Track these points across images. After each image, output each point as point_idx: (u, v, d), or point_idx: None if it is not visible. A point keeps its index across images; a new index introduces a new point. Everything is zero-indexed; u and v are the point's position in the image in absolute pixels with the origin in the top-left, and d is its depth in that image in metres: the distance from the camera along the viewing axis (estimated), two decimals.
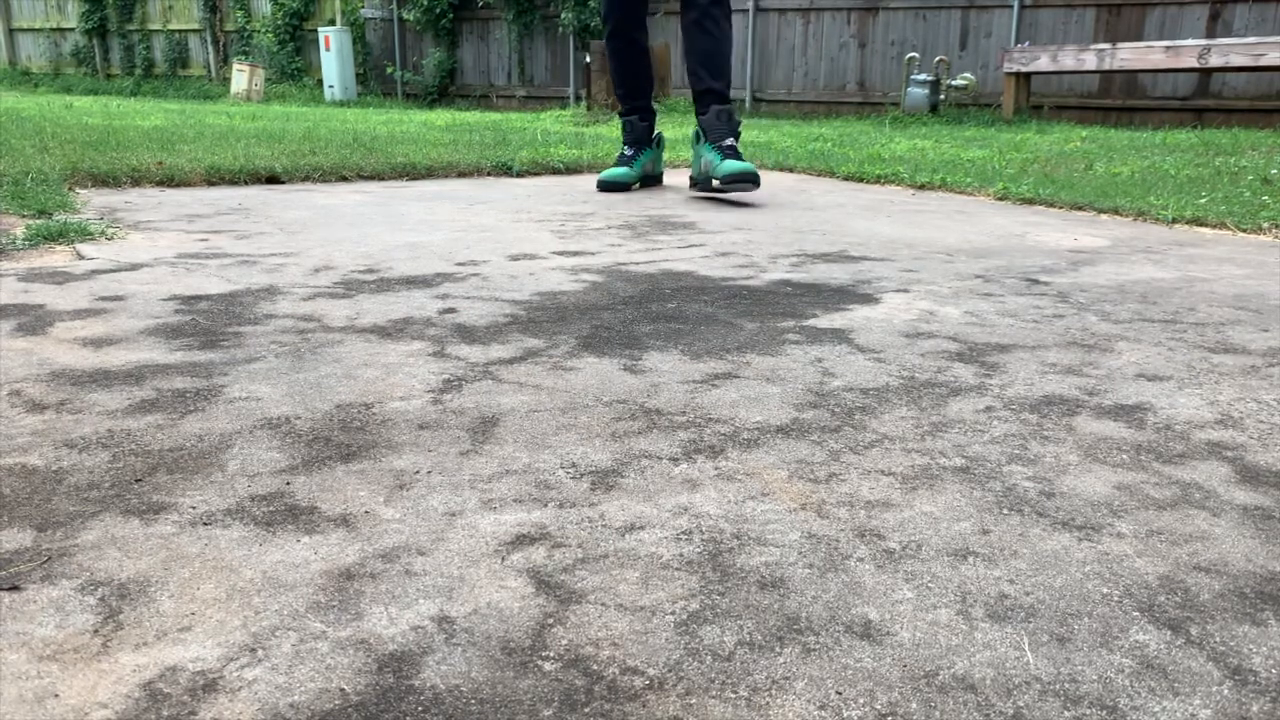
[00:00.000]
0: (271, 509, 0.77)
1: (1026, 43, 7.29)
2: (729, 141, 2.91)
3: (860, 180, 3.50)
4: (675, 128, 5.82)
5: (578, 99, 9.66)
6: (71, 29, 13.69)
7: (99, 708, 0.53)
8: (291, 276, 1.66)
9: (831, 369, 1.18)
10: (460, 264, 1.81)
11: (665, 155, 3.82)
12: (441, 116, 7.37)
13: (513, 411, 1.01)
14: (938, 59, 7.66)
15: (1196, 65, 6.25)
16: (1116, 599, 0.66)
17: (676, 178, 3.55)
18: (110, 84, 12.86)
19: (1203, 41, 6.26)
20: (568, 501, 0.80)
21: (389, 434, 0.94)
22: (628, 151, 3.27)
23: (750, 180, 2.74)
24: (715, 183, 2.81)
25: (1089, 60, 6.65)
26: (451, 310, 1.44)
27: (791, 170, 3.82)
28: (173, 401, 1.02)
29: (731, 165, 2.79)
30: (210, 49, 12.54)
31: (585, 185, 3.27)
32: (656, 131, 3.32)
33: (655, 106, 3.31)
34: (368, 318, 1.39)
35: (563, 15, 9.62)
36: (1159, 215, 2.54)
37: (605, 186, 3.10)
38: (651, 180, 3.30)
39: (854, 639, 0.61)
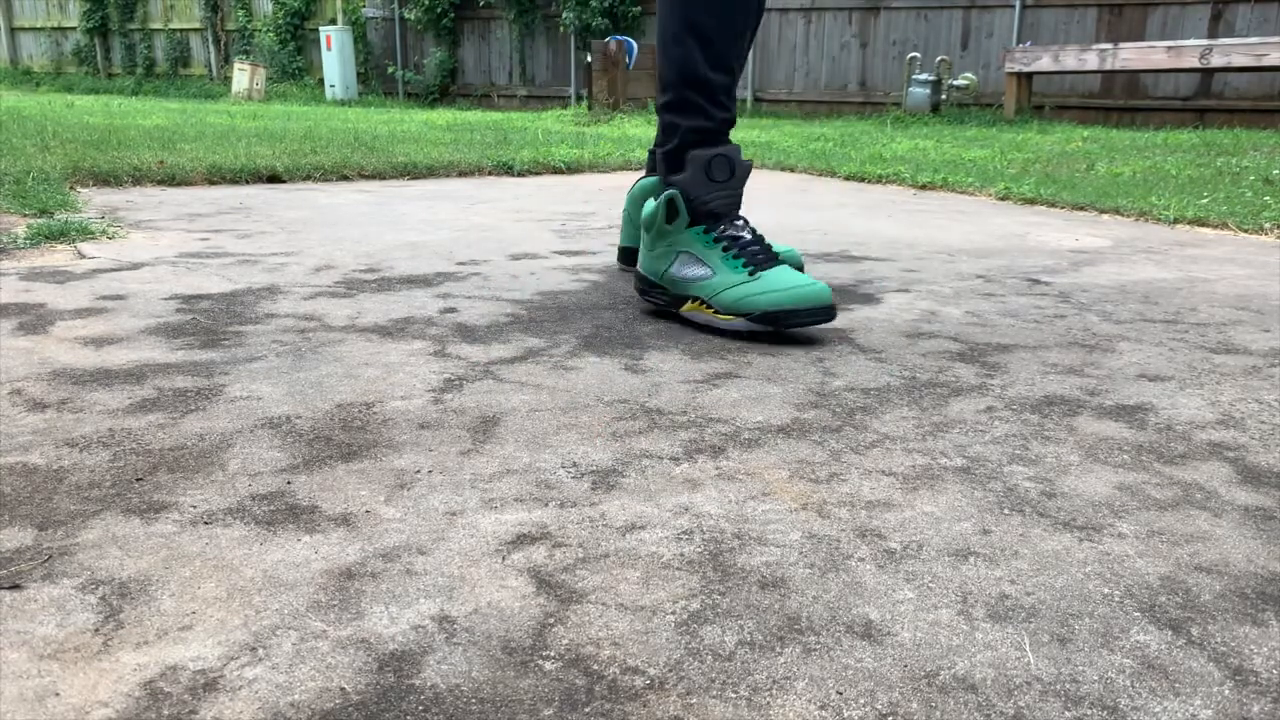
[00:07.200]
0: (272, 508, 0.78)
1: (1028, 43, 7.29)
2: (749, 231, 1.35)
3: (862, 180, 3.50)
4: None
5: (579, 99, 9.65)
6: (73, 28, 13.70)
7: (100, 706, 0.53)
8: (292, 276, 1.66)
9: (832, 369, 1.18)
10: (461, 263, 1.81)
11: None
12: (443, 116, 7.36)
13: (514, 411, 1.01)
14: (939, 59, 7.66)
15: (1198, 65, 6.24)
16: (1117, 599, 0.66)
17: None
18: (111, 83, 12.86)
19: (1204, 42, 6.26)
20: (569, 501, 0.80)
21: (390, 433, 0.94)
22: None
23: (823, 314, 1.29)
24: (737, 320, 1.30)
25: (1091, 60, 6.64)
26: (452, 310, 1.44)
27: (793, 170, 3.82)
28: (174, 400, 1.02)
29: (783, 285, 1.28)
30: (211, 48, 12.54)
31: (587, 185, 3.27)
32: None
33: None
34: (369, 317, 1.39)
35: (564, 15, 9.61)
36: (1160, 215, 2.54)
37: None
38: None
39: (855, 639, 0.61)
